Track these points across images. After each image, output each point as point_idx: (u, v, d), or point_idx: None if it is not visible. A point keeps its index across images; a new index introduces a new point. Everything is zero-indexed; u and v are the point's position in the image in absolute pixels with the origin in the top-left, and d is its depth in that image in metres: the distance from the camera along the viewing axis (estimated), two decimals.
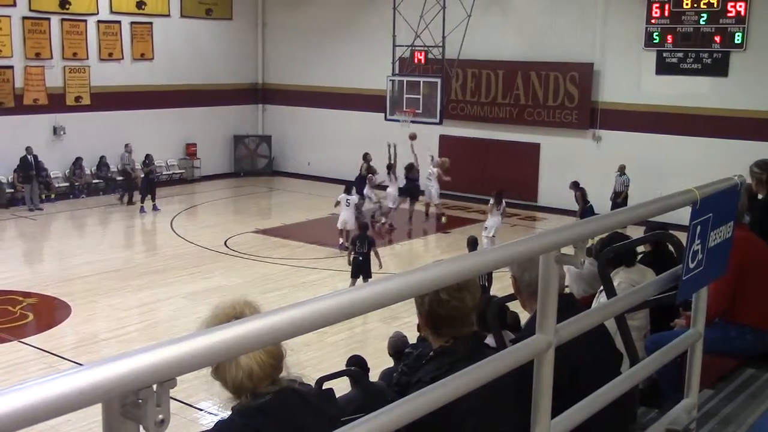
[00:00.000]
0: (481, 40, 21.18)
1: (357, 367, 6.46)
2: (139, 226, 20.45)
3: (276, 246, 17.75)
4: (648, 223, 7.09)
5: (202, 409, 9.24)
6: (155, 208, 21.05)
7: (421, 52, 20.70)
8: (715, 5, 18.87)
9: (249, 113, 27.27)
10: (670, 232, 4.75)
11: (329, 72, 25.11)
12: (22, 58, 21.46)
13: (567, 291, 5.47)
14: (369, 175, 19.95)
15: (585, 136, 21.15)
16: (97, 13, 22.81)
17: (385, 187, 19.97)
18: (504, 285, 4.14)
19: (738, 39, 18.72)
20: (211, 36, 25.66)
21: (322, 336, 11.05)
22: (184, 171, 25.43)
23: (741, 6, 18.60)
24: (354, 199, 17.45)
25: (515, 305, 3.77)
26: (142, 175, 21.43)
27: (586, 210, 18.04)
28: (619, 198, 19.00)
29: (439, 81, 19.71)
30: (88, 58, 22.74)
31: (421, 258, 17.38)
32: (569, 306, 2.75)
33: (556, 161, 21.36)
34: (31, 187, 20.92)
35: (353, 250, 13.85)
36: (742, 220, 4.55)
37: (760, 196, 5.81)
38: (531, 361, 2.22)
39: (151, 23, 24.04)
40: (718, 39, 18.96)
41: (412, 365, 2.77)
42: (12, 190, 21.45)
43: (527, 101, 21.85)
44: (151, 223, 20.58)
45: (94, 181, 23.10)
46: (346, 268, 14.20)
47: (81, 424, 7.88)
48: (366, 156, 20.51)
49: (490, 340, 4.20)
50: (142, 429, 1.30)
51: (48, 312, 13.62)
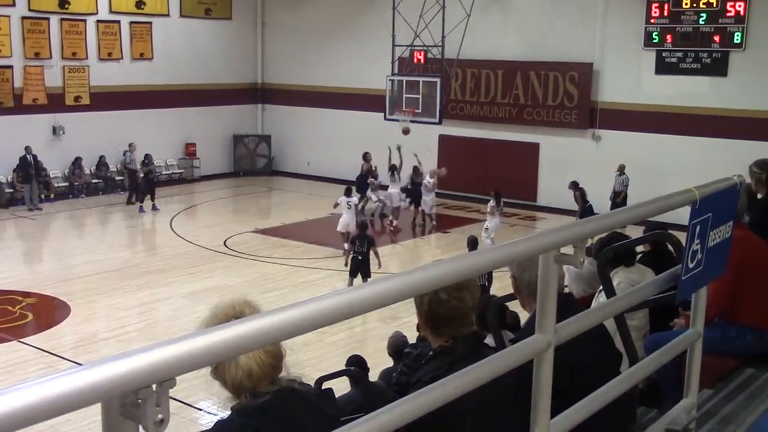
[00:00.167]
0: (481, 39, 21.17)
1: (356, 366, 6.47)
2: (138, 226, 20.43)
3: (275, 246, 17.75)
4: (647, 222, 7.10)
5: (201, 409, 9.24)
6: (155, 208, 21.05)
7: (421, 52, 20.69)
8: (715, 5, 18.86)
9: (248, 113, 27.26)
10: (670, 231, 4.75)
11: (329, 72, 25.11)
12: (21, 57, 21.45)
13: (566, 291, 5.47)
14: (371, 179, 19.92)
15: (584, 136, 21.14)
16: (97, 13, 22.81)
17: (386, 187, 19.94)
18: (504, 284, 4.14)
19: (737, 39, 18.71)
20: (211, 36, 25.65)
21: (321, 336, 11.04)
22: (183, 171, 25.43)
23: (740, 6, 18.60)
24: (354, 201, 17.40)
25: (515, 305, 3.77)
26: (142, 175, 21.45)
27: (586, 210, 18.05)
28: (618, 198, 18.97)
29: (438, 81, 19.70)
30: (87, 58, 22.74)
31: (420, 258, 17.38)
32: (569, 306, 2.75)
33: (556, 161, 21.36)
34: (31, 186, 20.91)
35: (352, 250, 13.85)
36: (741, 219, 4.55)
37: (759, 196, 5.81)
38: (530, 360, 2.22)
39: (150, 23, 24.04)
40: (717, 39, 18.96)
41: (411, 365, 2.77)
42: (11, 190, 21.44)
43: (527, 101, 21.85)
44: (151, 222, 20.57)
45: (93, 180, 23.11)
46: (345, 268, 14.19)
47: (81, 423, 7.88)
48: (366, 155, 20.49)
49: (490, 340, 4.20)
50: (141, 429, 1.30)
51: (47, 312, 13.61)
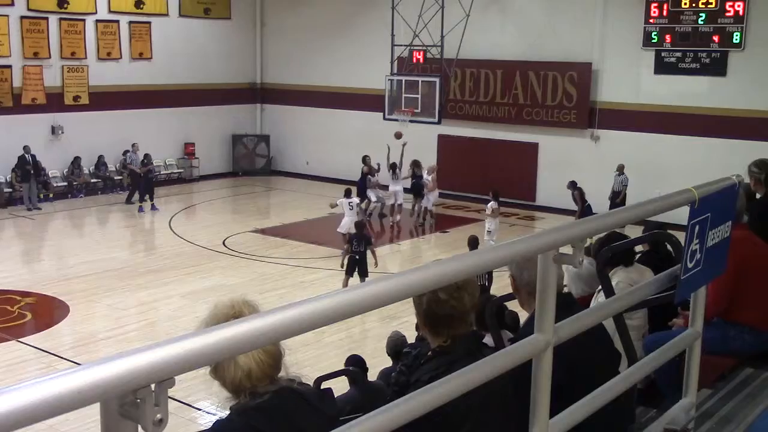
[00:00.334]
0: (480, 39, 21.17)
1: (356, 366, 6.47)
2: (137, 225, 20.43)
3: (274, 246, 17.74)
4: (646, 222, 7.10)
5: (200, 409, 9.24)
6: (153, 208, 21.05)
7: (420, 52, 20.68)
8: (714, 5, 18.86)
9: (247, 113, 27.25)
10: (669, 231, 4.74)
11: (328, 71, 25.10)
12: (20, 57, 21.43)
13: (566, 290, 5.47)
14: (369, 176, 19.93)
15: (583, 136, 21.14)
16: (96, 13, 22.78)
17: (387, 187, 19.93)
18: (503, 284, 4.14)
19: (736, 39, 18.71)
20: (210, 35, 25.63)
21: (320, 336, 11.04)
22: (182, 170, 25.41)
23: (739, 6, 18.59)
24: (356, 201, 17.38)
25: (514, 304, 3.77)
26: (141, 175, 21.43)
27: (585, 210, 18.06)
28: (618, 198, 18.95)
29: (437, 80, 19.70)
30: (86, 58, 22.71)
31: (420, 257, 17.38)
32: (568, 305, 2.75)
33: (555, 161, 21.36)
34: (30, 186, 20.89)
35: (350, 249, 13.81)
36: (741, 220, 4.55)
37: (758, 196, 5.81)
38: (529, 360, 2.22)
39: (149, 23, 24.02)
40: (716, 39, 18.96)
41: (410, 365, 2.77)
42: (10, 190, 21.42)
43: (526, 101, 21.85)
44: (150, 222, 20.56)
45: (92, 180, 23.09)
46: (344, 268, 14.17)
47: (79, 423, 7.87)
48: (365, 159, 20.47)
49: (489, 340, 4.21)
50: (140, 428, 1.30)
51: (46, 311, 13.59)
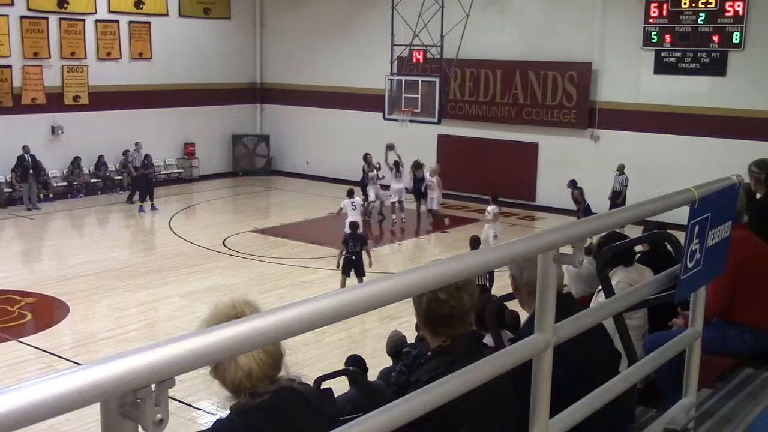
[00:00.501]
0: (480, 39, 21.16)
1: (356, 366, 6.47)
2: (137, 225, 20.42)
3: (274, 245, 17.74)
4: (646, 222, 7.10)
5: (200, 409, 9.24)
6: (153, 208, 21.04)
7: (420, 52, 20.67)
8: (713, 5, 18.86)
9: (247, 113, 27.24)
10: (669, 231, 4.75)
11: (328, 71, 25.09)
12: (20, 57, 21.43)
13: (566, 290, 5.47)
14: (368, 172, 19.92)
15: (583, 136, 21.14)
16: (95, 13, 22.78)
17: (388, 187, 19.93)
18: (504, 284, 4.13)
19: (736, 38, 18.71)
20: (210, 35, 25.63)
21: (320, 335, 11.04)
22: (182, 170, 25.40)
23: (739, 5, 18.58)
24: (359, 201, 17.37)
25: (515, 304, 3.77)
26: (139, 176, 21.42)
27: (585, 209, 18.06)
28: (618, 198, 18.92)
29: (437, 80, 19.69)
30: (86, 58, 22.71)
31: (420, 257, 17.38)
32: (568, 305, 2.75)
33: (555, 161, 21.35)
34: (29, 186, 20.89)
35: (346, 250, 13.81)
36: (741, 219, 4.55)
37: (758, 196, 5.80)
38: (529, 360, 2.22)
39: (149, 23, 24.02)
40: (716, 38, 18.95)
41: (410, 365, 2.77)
42: (10, 190, 21.42)
43: (526, 101, 21.84)
44: (150, 222, 20.56)
45: (92, 180, 23.09)
46: None
47: (80, 423, 7.87)
48: (366, 157, 20.48)
49: (489, 340, 4.21)
50: (140, 428, 1.30)
51: (46, 311, 13.59)
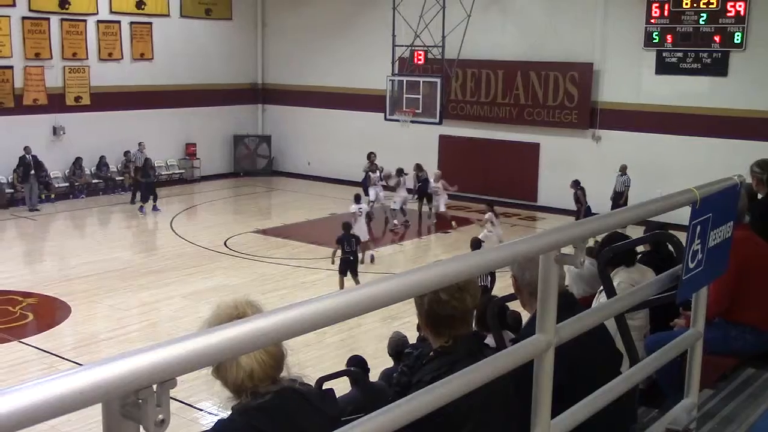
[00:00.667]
0: (481, 39, 21.16)
1: (357, 367, 6.47)
2: (138, 226, 20.43)
3: (276, 246, 17.74)
4: (648, 222, 7.10)
5: (202, 409, 9.24)
6: (155, 209, 21.04)
7: (421, 52, 20.67)
8: (715, 5, 18.85)
9: (249, 113, 27.25)
10: (670, 231, 4.74)
11: (329, 72, 25.10)
12: (21, 58, 21.45)
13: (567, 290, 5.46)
14: (369, 172, 19.91)
15: (585, 136, 21.13)
16: (97, 13, 22.80)
17: (393, 189, 19.95)
18: (505, 285, 4.13)
19: (737, 39, 18.70)
20: (211, 36, 25.64)
21: (322, 336, 11.04)
22: (183, 171, 25.41)
23: (740, 6, 18.58)
24: (366, 208, 17.33)
25: (516, 305, 3.77)
26: (140, 179, 21.44)
27: (586, 210, 18.04)
28: (620, 199, 18.89)
29: (438, 81, 19.69)
30: (87, 58, 22.73)
31: (421, 258, 17.37)
32: (569, 306, 2.75)
33: (556, 161, 21.35)
34: (31, 187, 20.91)
35: (343, 250, 13.84)
36: (742, 220, 4.54)
37: (760, 196, 5.80)
38: (531, 360, 2.22)
39: (150, 23, 24.03)
40: (717, 39, 18.95)
41: (412, 365, 2.77)
42: (12, 191, 21.44)
43: (527, 101, 21.84)
44: (151, 223, 20.57)
45: (93, 181, 23.10)
46: None
47: (81, 424, 7.87)
48: (370, 155, 20.48)
49: (490, 340, 4.20)
50: (142, 429, 1.30)
51: (48, 312, 13.60)
